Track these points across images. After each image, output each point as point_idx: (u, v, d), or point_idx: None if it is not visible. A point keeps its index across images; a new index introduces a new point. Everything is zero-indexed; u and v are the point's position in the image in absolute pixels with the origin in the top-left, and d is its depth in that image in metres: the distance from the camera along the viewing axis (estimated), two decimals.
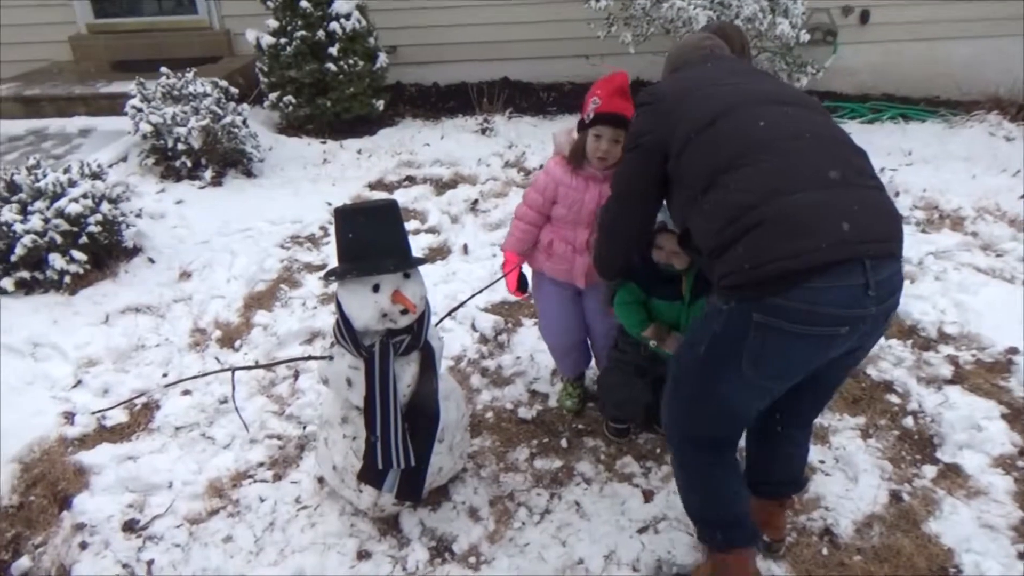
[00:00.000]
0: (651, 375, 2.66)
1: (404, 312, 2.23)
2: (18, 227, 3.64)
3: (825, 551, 2.43)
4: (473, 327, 3.59)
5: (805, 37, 5.39)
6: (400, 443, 2.30)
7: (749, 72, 2.21)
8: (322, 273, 3.96)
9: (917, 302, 3.67)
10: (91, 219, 3.81)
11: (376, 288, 2.20)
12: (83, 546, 2.48)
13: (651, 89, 2.15)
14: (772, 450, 2.32)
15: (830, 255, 1.68)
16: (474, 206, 4.82)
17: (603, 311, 2.77)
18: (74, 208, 3.74)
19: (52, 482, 2.70)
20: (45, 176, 3.84)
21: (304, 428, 2.98)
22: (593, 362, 3.08)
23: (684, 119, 1.97)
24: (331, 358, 2.40)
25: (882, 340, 3.45)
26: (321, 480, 2.67)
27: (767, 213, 1.73)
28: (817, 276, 1.69)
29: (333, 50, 5.65)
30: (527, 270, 2.89)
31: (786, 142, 1.84)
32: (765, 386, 1.93)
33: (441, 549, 2.46)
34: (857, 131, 6.25)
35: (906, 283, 3.81)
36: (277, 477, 2.75)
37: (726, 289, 1.83)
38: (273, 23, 5.73)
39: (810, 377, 1.94)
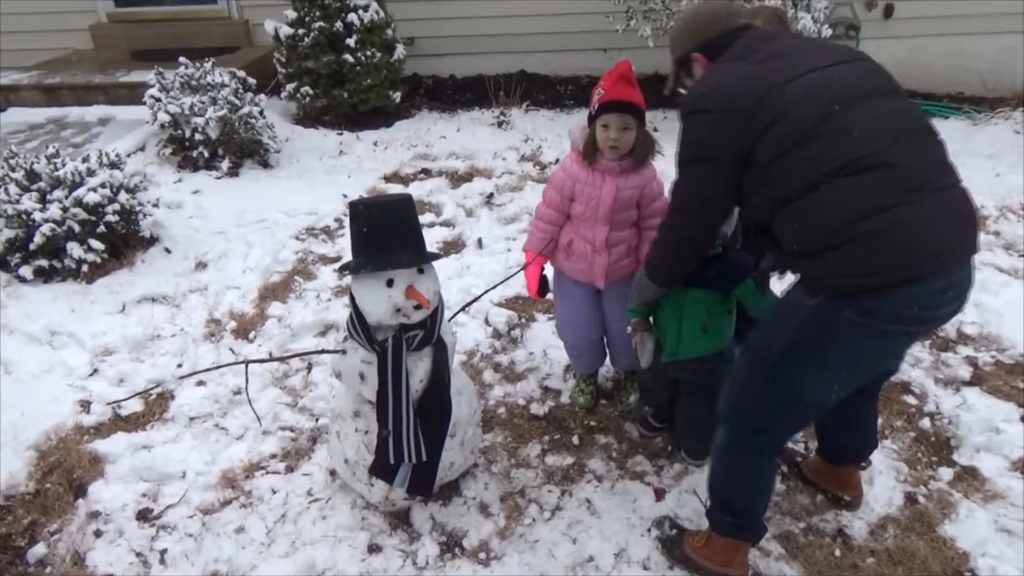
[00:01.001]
0: (668, 376, 2.65)
1: (417, 307, 2.22)
2: (37, 216, 3.67)
3: (838, 552, 2.42)
4: (487, 322, 3.59)
5: (827, 32, 5.31)
6: (412, 438, 2.30)
7: (815, 51, 2.01)
8: (336, 266, 3.97)
9: None
10: (109, 208, 3.84)
11: (390, 283, 2.20)
12: (97, 534, 2.50)
13: (708, 94, 1.96)
14: (848, 422, 2.40)
15: (926, 269, 1.77)
16: (489, 200, 4.81)
17: (623, 311, 2.75)
18: (92, 197, 3.77)
19: (68, 470, 2.73)
20: (64, 165, 3.87)
21: (317, 421, 2.99)
22: (608, 360, 3.06)
23: (774, 126, 1.86)
24: (344, 352, 2.40)
25: None
26: (333, 473, 2.68)
27: (872, 226, 1.76)
28: (908, 284, 1.78)
29: (351, 41, 5.64)
30: (548, 271, 2.88)
31: (887, 147, 1.81)
32: (843, 380, 1.98)
33: (451, 544, 2.46)
34: None
35: None
36: (289, 469, 2.77)
37: (816, 287, 1.88)
38: (291, 14, 5.72)
39: None
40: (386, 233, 2.20)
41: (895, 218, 1.75)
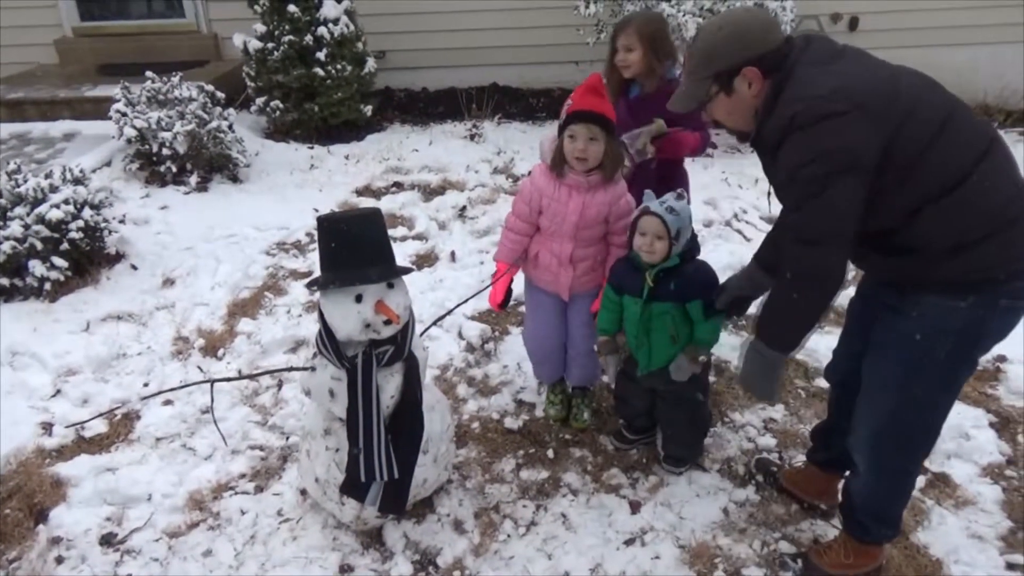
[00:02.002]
0: (644, 384, 2.64)
1: (387, 323, 2.19)
2: None
3: None
4: (460, 335, 3.56)
5: None
6: (383, 455, 2.26)
7: (871, 57, 1.92)
8: (306, 281, 3.92)
9: None
10: (73, 225, 3.75)
11: (359, 298, 2.17)
12: (59, 560, 2.43)
13: (830, 95, 1.76)
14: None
15: None
16: (462, 213, 4.79)
17: (586, 325, 2.75)
18: (55, 214, 3.69)
19: (28, 495, 2.65)
20: (26, 181, 3.79)
21: (287, 439, 2.94)
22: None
23: (910, 119, 1.76)
24: (313, 369, 2.36)
25: None
26: (304, 492, 2.63)
27: (1017, 211, 1.79)
28: None
29: (321, 55, 5.61)
30: (517, 285, 2.87)
31: (989, 134, 1.85)
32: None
33: (425, 563, 2.42)
34: None
35: None
36: (259, 489, 2.71)
37: (967, 284, 1.83)
38: (260, 27, 5.68)
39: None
40: (355, 248, 2.17)
41: None
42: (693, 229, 2.47)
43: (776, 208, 2.15)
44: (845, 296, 2.50)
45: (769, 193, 2.05)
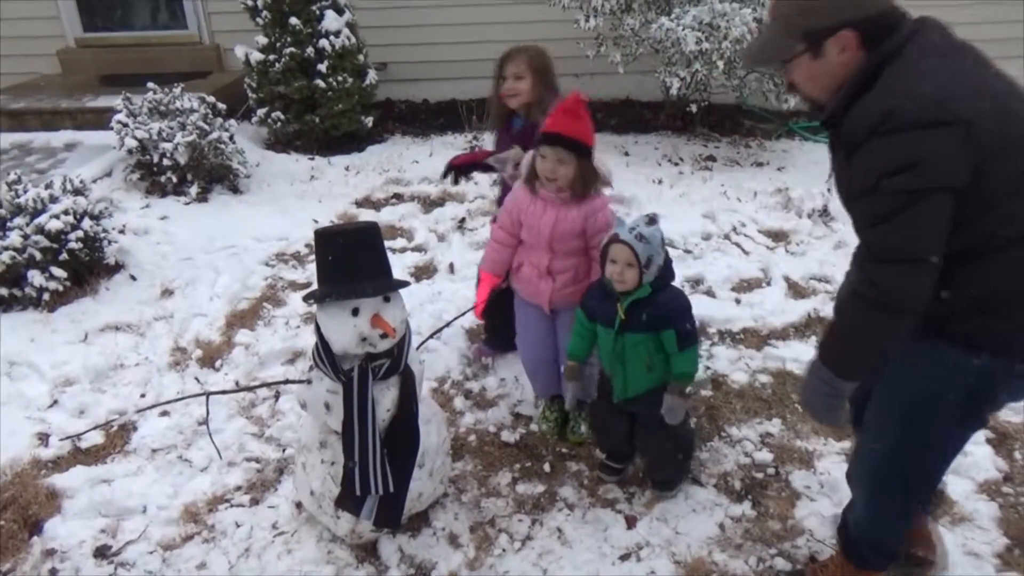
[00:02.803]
0: (625, 411, 2.60)
1: (384, 336, 2.20)
2: None
3: None
4: (458, 348, 3.56)
5: None
6: (379, 469, 2.26)
7: (993, 64, 1.71)
8: (304, 294, 3.93)
9: None
10: (72, 235, 3.76)
11: (355, 312, 2.17)
12: (52, 573, 2.42)
13: (943, 101, 1.52)
14: None
15: None
16: (461, 225, 4.80)
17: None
18: (55, 224, 3.70)
19: (23, 506, 2.64)
20: (26, 192, 3.80)
21: (283, 451, 2.94)
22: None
23: (1017, 151, 1.58)
24: (309, 382, 2.36)
25: None
26: (299, 505, 2.63)
27: None
28: None
29: (322, 67, 5.64)
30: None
31: None
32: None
33: None
34: None
35: None
36: (254, 501, 2.70)
37: (986, 343, 1.70)
38: (262, 39, 5.71)
39: None
40: (351, 261, 2.17)
41: None
42: (667, 253, 2.40)
43: (772, 221, 2.10)
44: None
45: (829, 189, 1.90)
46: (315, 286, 2.30)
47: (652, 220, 2.36)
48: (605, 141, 6.36)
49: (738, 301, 3.97)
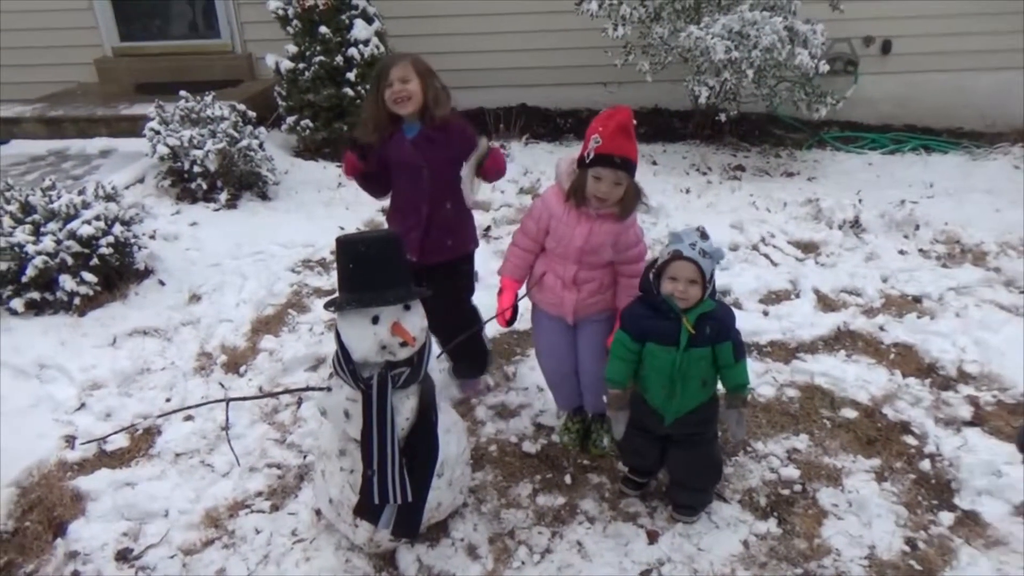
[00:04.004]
0: (657, 433, 2.54)
1: (403, 344, 2.19)
2: (30, 248, 3.65)
3: None
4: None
5: (824, 68, 5.33)
6: (397, 478, 2.25)
7: None
8: (325, 301, 3.95)
9: (936, 339, 3.57)
10: (103, 241, 3.82)
11: (376, 320, 2.17)
12: (75, 575, 2.44)
13: None
14: None
15: None
16: (486, 233, 4.79)
17: (595, 351, 2.70)
18: (86, 230, 3.76)
19: (48, 507, 2.68)
20: (59, 197, 3.87)
21: (305, 457, 2.94)
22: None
23: None
24: (329, 389, 2.36)
25: (899, 378, 3.36)
26: (318, 513, 2.62)
27: None
28: None
29: (351, 75, 5.68)
30: (524, 304, 2.85)
31: None
32: None
33: None
34: (878, 162, 6.18)
35: (925, 319, 3.74)
36: (275, 508, 2.71)
37: None
38: (293, 48, 5.78)
39: None
40: (372, 269, 2.17)
41: None
42: None
43: (802, 232, 2.03)
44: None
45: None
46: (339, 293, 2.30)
47: (704, 234, 2.33)
48: None
49: (766, 313, 3.91)
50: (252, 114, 5.32)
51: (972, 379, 3.34)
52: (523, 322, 3.10)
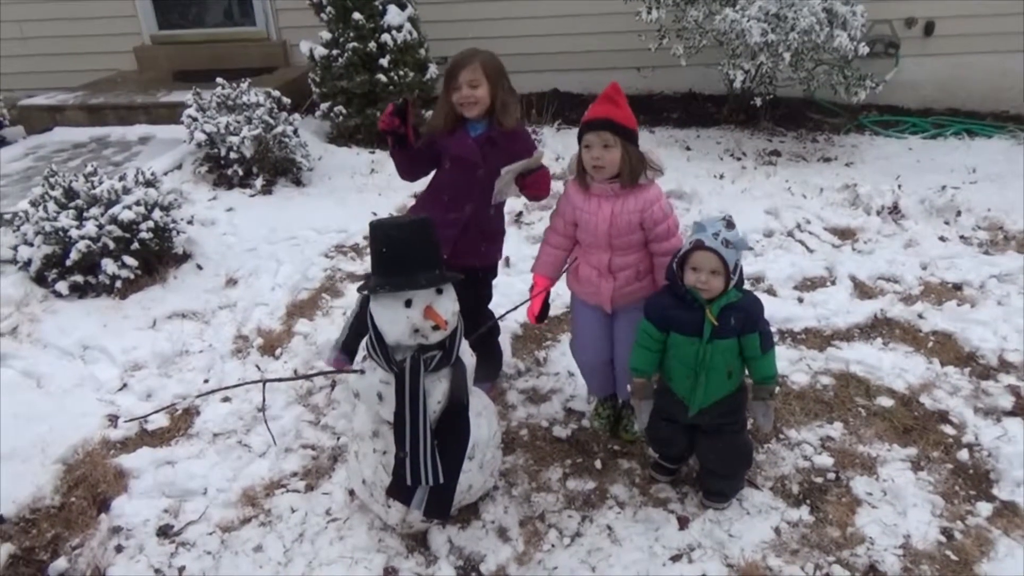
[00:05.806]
0: (683, 422, 2.53)
1: (436, 328, 2.21)
2: (74, 232, 3.75)
3: None
4: (511, 342, 3.55)
5: (864, 50, 5.21)
6: (429, 460, 2.28)
7: None
8: (358, 285, 3.99)
9: (977, 327, 3.50)
10: (143, 226, 3.91)
11: (408, 303, 2.19)
12: (119, 549, 2.52)
13: None
14: None
15: None
16: (518, 219, 4.79)
17: (632, 340, 2.68)
18: (127, 215, 3.85)
19: (93, 484, 2.76)
20: (101, 183, 3.96)
21: (338, 439, 2.99)
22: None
23: None
24: (362, 372, 2.39)
25: (937, 367, 3.30)
26: (352, 493, 2.67)
27: None
28: None
29: (384, 61, 5.71)
30: (555, 297, 2.87)
31: None
32: None
33: (468, 569, 2.43)
34: (918, 147, 6.04)
35: (966, 307, 3.67)
36: (309, 488, 2.76)
37: None
38: (326, 35, 5.82)
39: None
40: (405, 253, 2.19)
41: None
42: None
43: (838, 218, 2.01)
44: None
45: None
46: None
47: (730, 223, 2.30)
48: (666, 135, 6.26)
49: (800, 300, 3.86)
50: (287, 100, 5.38)
51: (1013, 368, 3.27)
52: (554, 309, 3.11)
